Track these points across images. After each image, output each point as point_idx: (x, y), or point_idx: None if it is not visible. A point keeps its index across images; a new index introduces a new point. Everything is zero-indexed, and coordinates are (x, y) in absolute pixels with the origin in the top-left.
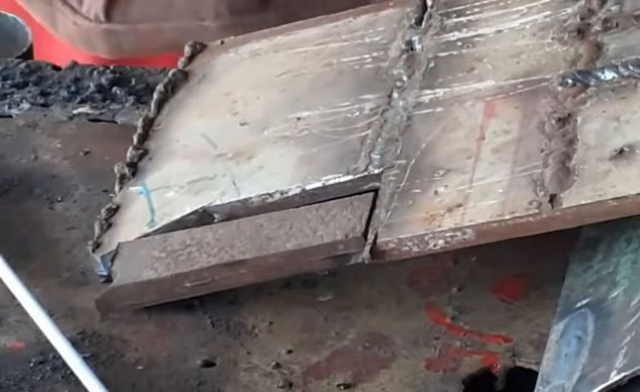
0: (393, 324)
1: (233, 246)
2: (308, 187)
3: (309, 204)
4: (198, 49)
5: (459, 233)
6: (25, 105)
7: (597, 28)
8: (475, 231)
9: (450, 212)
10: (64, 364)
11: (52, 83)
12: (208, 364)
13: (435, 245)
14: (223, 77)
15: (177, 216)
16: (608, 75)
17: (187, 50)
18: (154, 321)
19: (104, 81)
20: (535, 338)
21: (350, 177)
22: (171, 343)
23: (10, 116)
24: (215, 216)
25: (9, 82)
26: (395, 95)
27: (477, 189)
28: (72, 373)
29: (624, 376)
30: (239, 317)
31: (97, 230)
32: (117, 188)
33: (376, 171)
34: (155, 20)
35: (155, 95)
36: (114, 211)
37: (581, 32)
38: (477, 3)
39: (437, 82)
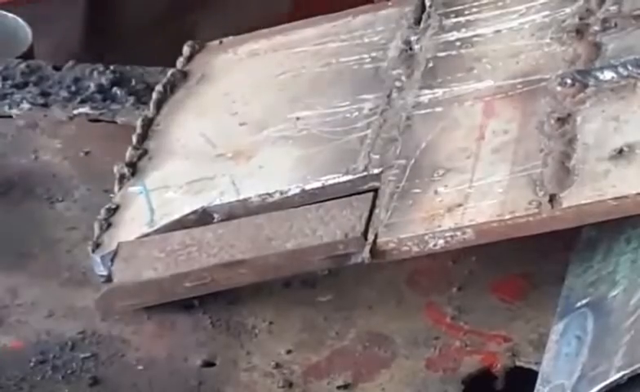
0: (393, 324)
1: (232, 246)
2: (308, 187)
3: (309, 204)
4: (197, 49)
5: (459, 233)
6: (25, 105)
7: (596, 28)
8: (475, 231)
9: (450, 212)
10: (64, 364)
11: (52, 83)
12: (208, 364)
13: (435, 245)
14: (222, 77)
15: (177, 216)
16: (607, 75)
17: (186, 49)
18: (154, 321)
19: (104, 81)
20: (534, 338)
21: (350, 177)
22: (171, 343)
23: (10, 116)
24: (215, 215)
25: (9, 82)
26: (394, 95)
27: (476, 189)
28: (72, 373)
29: (624, 375)
30: (239, 317)
31: (97, 230)
32: (116, 188)
33: (376, 171)
34: None
35: (154, 95)
36: (114, 210)
37: (580, 32)
38: (475, 3)
39: (436, 82)
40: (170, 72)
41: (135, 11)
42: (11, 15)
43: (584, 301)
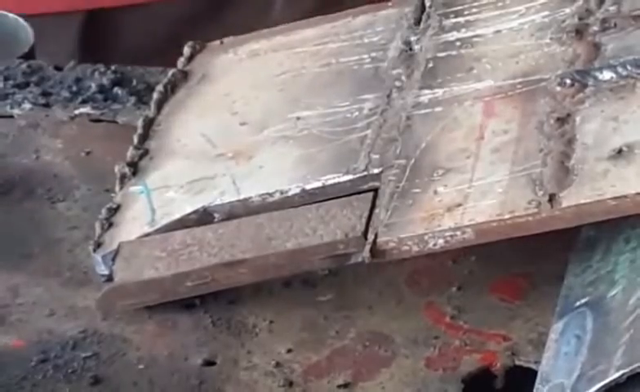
0: (393, 323)
1: (233, 245)
2: (308, 187)
3: (309, 204)
4: (198, 49)
5: (458, 233)
6: (27, 105)
7: (596, 28)
8: (475, 230)
9: (449, 212)
10: (66, 363)
11: (54, 83)
12: (209, 363)
13: (435, 244)
14: (222, 77)
15: (177, 216)
16: (606, 75)
17: (186, 50)
18: (155, 320)
19: (105, 81)
20: (534, 337)
21: (350, 177)
22: (172, 342)
23: (11, 116)
24: (216, 215)
25: (10, 82)
26: (394, 95)
27: (476, 189)
28: (73, 372)
29: (623, 374)
30: (240, 316)
31: (98, 230)
32: (117, 187)
33: (376, 171)
34: None
35: (155, 95)
36: (115, 210)
37: (579, 32)
38: (475, 3)
39: (436, 82)
40: (170, 72)
41: (131, 39)
42: (11, 15)
43: (583, 301)
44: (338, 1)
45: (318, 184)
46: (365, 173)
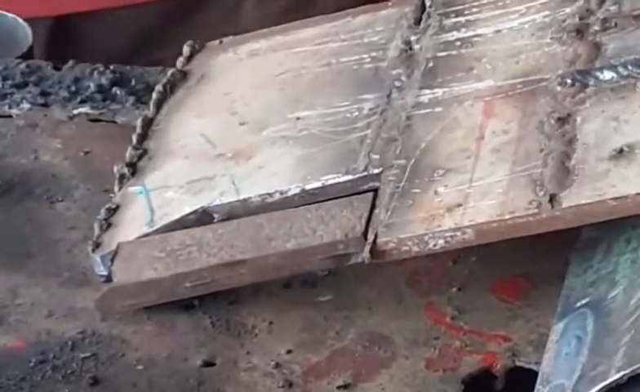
0: (393, 324)
1: (232, 246)
2: (308, 187)
3: (309, 204)
4: (197, 49)
5: (459, 233)
6: (25, 105)
7: (596, 28)
8: (475, 231)
9: (449, 212)
10: (65, 364)
11: (52, 83)
12: (208, 364)
13: (435, 245)
14: (222, 77)
15: (177, 216)
16: (607, 75)
17: (185, 49)
18: (154, 321)
19: (104, 81)
20: (534, 338)
21: (350, 177)
22: (171, 343)
23: (10, 116)
24: (215, 215)
25: (9, 82)
26: (394, 95)
27: (476, 189)
28: (72, 373)
29: (624, 375)
30: (239, 317)
31: (97, 230)
32: (116, 188)
33: (376, 171)
34: None
35: (154, 95)
36: (114, 210)
37: (580, 32)
38: (475, 3)
39: (436, 82)
40: (170, 72)
41: (100, 44)
42: (10, 14)
43: (583, 301)
44: (309, 3)
45: (318, 184)
46: (365, 173)
